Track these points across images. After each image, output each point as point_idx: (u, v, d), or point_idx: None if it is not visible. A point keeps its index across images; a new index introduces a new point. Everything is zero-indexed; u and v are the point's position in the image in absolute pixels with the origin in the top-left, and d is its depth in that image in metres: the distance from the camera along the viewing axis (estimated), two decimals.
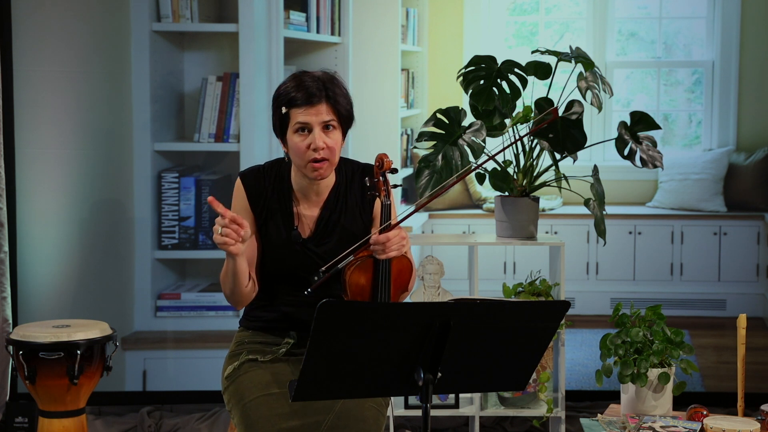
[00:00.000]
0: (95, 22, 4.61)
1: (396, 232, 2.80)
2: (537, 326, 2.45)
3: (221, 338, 4.62)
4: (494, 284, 4.28)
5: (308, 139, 2.83)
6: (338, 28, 4.74)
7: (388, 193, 2.87)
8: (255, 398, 2.82)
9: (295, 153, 2.86)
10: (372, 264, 2.83)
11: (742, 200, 4.87)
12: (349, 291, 2.82)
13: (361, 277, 2.82)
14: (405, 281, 2.90)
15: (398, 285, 2.88)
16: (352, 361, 2.35)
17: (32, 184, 4.60)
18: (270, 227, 2.94)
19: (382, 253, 2.79)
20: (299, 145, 2.83)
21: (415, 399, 3.77)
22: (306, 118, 2.82)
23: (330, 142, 2.84)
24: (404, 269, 2.89)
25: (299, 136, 2.84)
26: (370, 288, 2.83)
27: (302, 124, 2.83)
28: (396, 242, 2.79)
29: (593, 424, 3.27)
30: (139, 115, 4.65)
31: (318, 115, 2.83)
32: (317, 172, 2.85)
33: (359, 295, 2.82)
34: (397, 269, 2.87)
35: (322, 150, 2.82)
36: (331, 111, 2.84)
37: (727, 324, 4.69)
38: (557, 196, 4.77)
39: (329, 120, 2.84)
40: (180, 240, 4.71)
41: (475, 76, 3.87)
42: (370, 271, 2.83)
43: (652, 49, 4.92)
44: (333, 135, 2.85)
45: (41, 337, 3.81)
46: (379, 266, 2.82)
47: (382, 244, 2.78)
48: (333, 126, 2.85)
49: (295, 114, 2.83)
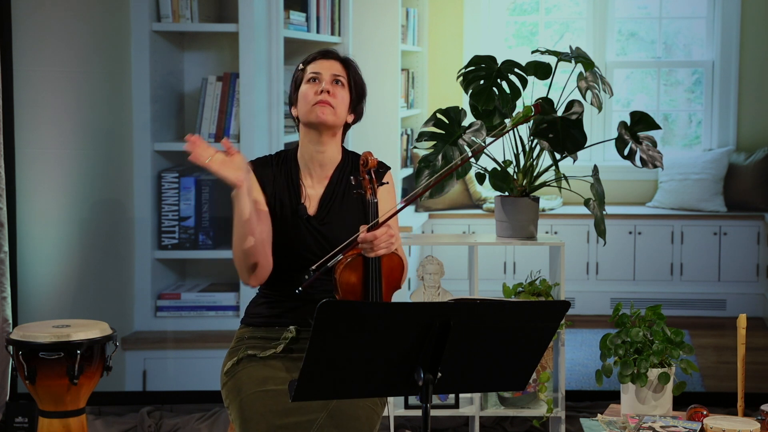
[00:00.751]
0: (95, 22, 4.61)
1: (384, 230, 2.80)
2: (537, 326, 2.45)
3: (221, 338, 4.62)
4: (494, 284, 4.28)
5: (317, 86, 2.96)
6: (338, 28, 4.74)
7: (374, 191, 2.87)
8: (251, 394, 2.84)
9: (303, 99, 2.97)
10: (362, 262, 2.83)
11: (742, 200, 4.87)
12: (341, 290, 2.83)
13: (351, 275, 2.83)
14: (397, 278, 2.91)
15: (390, 283, 2.89)
16: (352, 361, 2.35)
17: (32, 184, 4.60)
18: (277, 205, 2.98)
19: (370, 251, 2.80)
20: (308, 92, 2.96)
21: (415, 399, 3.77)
22: (318, 68, 2.98)
23: (337, 94, 2.96)
24: (395, 267, 2.89)
25: (309, 84, 2.98)
26: (361, 286, 2.84)
27: (314, 74, 2.97)
28: (384, 240, 2.80)
29: (593, 424, 3.27)
30: (139, 115, 4.65)
31: (330, 68, 2.98)
32: (320, 112, 2.93)
33: (351, 293, 2.83)
34: (388, 267, 2.87)
35: (328, 94, 2.93)
36: (343, 69, 3.00)
37: (727, 324, 4.69)
38: (557, 196, 4.77)
39: (339, 75, 2.98)
40: (180, 240, 4.71)
41: (475, 76, 3.87)
42: (360, 270, 2.83)
43: (652, 49, 4.92)
44: (341, 91, 2.97)
45: (41, 337, 3.81)
46: (369, 265, 2.83)
47: (370, 242, 2.79)
48: (342, 83, 2.98)
49: (309, 67, 3.00)
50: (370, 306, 2.46)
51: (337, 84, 2.97)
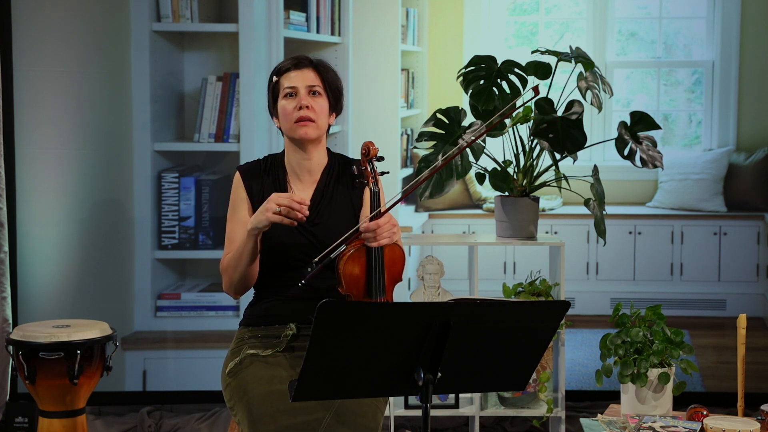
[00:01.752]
0: (95, 22, 4.61)
1: (386, 219, 2.82)
2: (537, 326, 2.45)
3: (221, 338, 4.62)
4: (494, 284, 4.28)
5: (295, 101, 2.98)
6: (338, 28, 4.74)
7: (376, 180, 2.89)
8: (258, 394, 2.84)
9: (284, 116, 2.99)
10: (365, 253, 2.83)
11: (742, 200, 4.87)
12: (344, 282, 2.82)
13: (354, 266, 2.82)
14: (399, 271, 2.91)
15: (392, 274, 2.88)
16: (352, 361, 2.35)
17: (32, 184, 4.60)
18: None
19: (373, 240, 2.81)
20: (286, 108, 2.99)
21: (415, 399, 3.77)
22: (292, 82, 2.99)
23: (316, 105, 2.98)
24: (397, 258, 2.89)
25: (287, 100, 2.99)
26: (364, 278, 2.83)
27: (289, 89, 2.99)
28: (387, 229, 2.81)
29: (593, 424, 3.27)
30: (139, 115, 4.65)
31: (304, 79, 2.99)
32: (302, 129, 2.96)
33: (354, 285, 2.82)
34: (391, 258, 2.87)
35: (308, 109, 2.96)
36: (317, 77, 3.01)
37: (727, 324, 4.69)
38: (557, 196, 4.77)
39: (314, 85, 2.99)
40: (180, 240, 4.71)
41: (475, 76, 3.87)
42: (363, 261, 2.83)
43: (652, 49, 4.92)
44: (319, 101, 3.00)
45: (41, 337, 3.81)
46: (372, 255, 2.83)
47: (373, 231, 2.80)
48: (318, 92, 3.00)
49: (283, 81, 3.01)
50: (371, 306, 2.46)
51: (314, 95, 3.00)
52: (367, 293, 2.84)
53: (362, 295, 2.83)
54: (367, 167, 2.87)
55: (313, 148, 3.03)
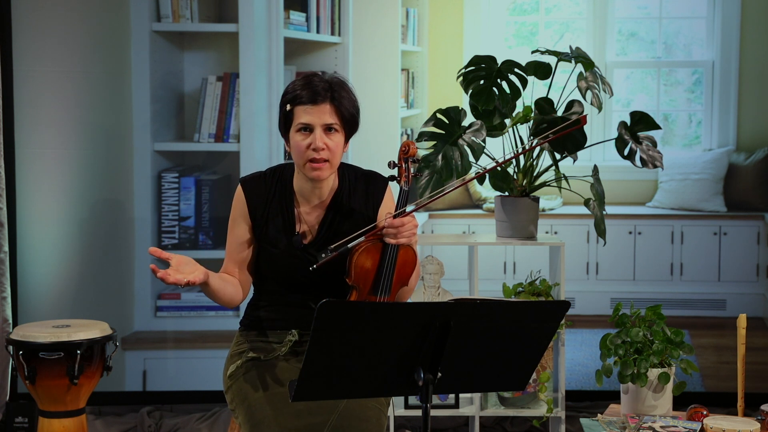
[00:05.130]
0: (95, 22, 4.61)
1: (410, 218, 2.82)
2: (537, 326, 2.45)
3: (221, 338, 4.62)
4: (494, 284, 4.28)
5: (309, 139, 2.83)
6: (338, 28, 4.74)
7: (408, 179, 2.86)
8: (259, 397, 2.83)
9: (296, 152, 2.86)
10: (380, 249, 2.83)
11: (742, 200, 4.87)
12: (354, 273, 2.82)
13: (367, 260, 2.83)
14: (408, 274, 2.90)
15: (401, 276, 2.88)
16: (352, 361, 2.35)
17: (32, 184, 4.60)
18: (270, 231, 2.93)
19: (393, 237, 2.80)
20: (300, 144, 2.84)
21: (415, 399, 3.77)
22: (308, 119, 2.83)
23: (331, 144, 2.84)
24: (409, 261, 2.89)
25: (301, 135, 2.84)
26: (374, 273, 2.84)
27: (304, 125, 2.83)
28: (409, 228, 2.81)
29: (593, 424, 3.27)
30: (139, 115, 4.65)
31: (321, 116, 2.83)
32: (316, 172, 2.85)
33: (363, 278, 2.83)
34: (403, 259, 2.87)
35: (323, 151, 2.83)
36: (334, 113, 2.84)
37: (727, 324, 4.69)
38: (557, 196, 4.77)
39: (332, 123, 2.84)
40: (180, 240, 4.71)
41: (475, 76, 3.87)
42: (377, 256, 2.83)
43: (652, 49, 4.92)
44: (335, 138, 2.85)
45: (41, 337, 3.81)
46: (387, 252, 2.83)
47: (396, 227, 2.79)
48: (335, 129, 2.85)
49: (299, 112, 2.84)
50: (371, 306, 2.46)
51: (329, 131, 2.85)
52: (373, 289, 2.84)
53: (368, 289, 2.84)
54: (402, 165, 2.87)
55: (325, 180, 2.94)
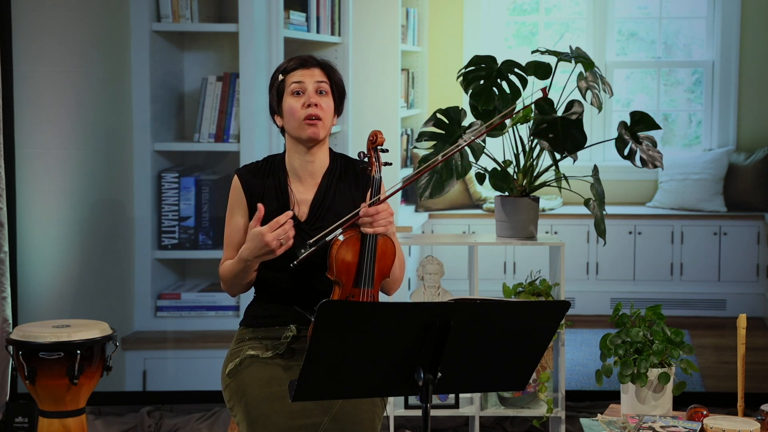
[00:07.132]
0: (95, 22, 4.61)
1: (384, 206, 2.85)
2: (537, 326, 2.45)
3: (221, 338, 4.62)
4: (494, 284, 4.28)
5: (303, 98, 2.97)
6: (338, 28, 4.74)
7: (379, 168, 2.90)
8: (257, 395, 2.83)
9: (290, 114, 2.97)
10: (359, 241, 2.85)
11: (742, 200, 4.87)
12: (335, 267, 2.84)
13: (348, 253, 2.84)
14: (388, 265, 2.92)
15: (382, 267, 2.90)
16: (352, 361, 2.35)
17: (32, 184, 4.60)
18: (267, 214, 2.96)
19: (369, 226, 2.83)
20: (294, 106, 2.97)
21: (415, 399, 3.77)
22: (301, 78, 2.98)
23: (323, 104, 2.97)
24: (388, 252, 2.91)
25: (294, 98, 2.97)
26: (355, 266, 2.85)
27: (297, 85, 2.97)
28: (384, 216, 2.84)
29: (593, 424, 3.27)
30: (139, 115, 4.65)
31: (312, 76, 2.98)
32: (311, 128, 2.95)
33: (344, 272, 2.84)
34: (382, 251, 2.89)
35: (316, 107, 2.95)
36: (324, 75, 3.01)
37: (727, 324, 4.69)
38: (557, 196, 4.77)
39: (322, 81, 2.99)
40: (180, 240, 4.71)
41: (475, 76, 3.87)
42: (356, 249, 2.85)
43: (652, 49, 4.92)
44: (326, 99, 2.99)
45: (41, 337, 3.81)
46: (366, 243, 2.85)
47: (371, 216, 2.83)
48: (326, 91, 2.99)
49: (290, 78, 2.99)
50: (371, 306, 2.46)
51: (321, 94, 2.98)
52: (356, 282, 2.86)
53: (351, 283, 2.86)
54: (372, 154, 2.89)
55: (317, 149, 3.02)
